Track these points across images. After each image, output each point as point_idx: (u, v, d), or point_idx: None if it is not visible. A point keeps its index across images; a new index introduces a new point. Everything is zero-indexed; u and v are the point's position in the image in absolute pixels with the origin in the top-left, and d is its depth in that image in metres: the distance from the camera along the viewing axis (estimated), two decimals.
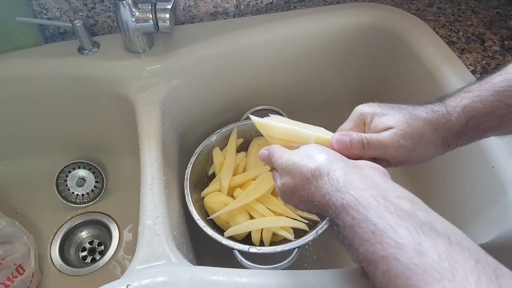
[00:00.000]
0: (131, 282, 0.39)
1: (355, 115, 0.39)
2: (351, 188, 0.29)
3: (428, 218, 0.26)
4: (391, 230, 0.25)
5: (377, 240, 0.26)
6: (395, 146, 0.35)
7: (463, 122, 0.36)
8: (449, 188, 0.63)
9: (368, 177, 0.30)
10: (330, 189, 0.30)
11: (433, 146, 0.36)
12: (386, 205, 0.27)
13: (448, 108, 0.36)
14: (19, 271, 0.61)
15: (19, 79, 0.64)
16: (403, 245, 0.24)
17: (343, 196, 0.29)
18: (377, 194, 0.28)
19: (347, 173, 0.30)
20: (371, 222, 0.26)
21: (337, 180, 0.30)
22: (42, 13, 0.65)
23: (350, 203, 0.28)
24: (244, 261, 0.50)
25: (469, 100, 0.35)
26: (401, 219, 0.26)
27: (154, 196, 0.49)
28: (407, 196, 0.28)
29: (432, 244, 0.24)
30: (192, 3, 0.71)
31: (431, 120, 0.36)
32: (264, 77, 0.73)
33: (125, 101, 0.62)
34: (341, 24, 0.70)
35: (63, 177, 0.74)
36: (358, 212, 0.28)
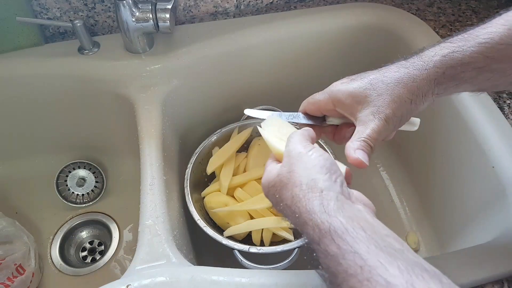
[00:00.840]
0: (131, 282, 0.39)
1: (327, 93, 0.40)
2: (341, 214, 0.27)
3: (418, 260, 0.25)
4: (381, 267, 0.23)
5: (365, 276, 0.23)
6: (382, 126, 0.35)
7: (440, 71, 0.35)
8: (449, 188, 0.63)
9: (358, 211, 0.28)
10: (317, 208, 0.28)
11: (408, 102, 0.36)
12: (377, 240, 0.25)
13: (424, 59, 0.36)
14: (19, 271, 0.61)
15: (19, 79, 0.64)
16: (394, 286, 0.22)
17: (330, 220, 0.26)
18: (367, 228, 0.26)
19: (340, 198, 0.28)
20: (359, 255, 0.24)
21: (328, 201, 0.28)
22: (42, 13, 0.65)
23: (338, 229, 0.26)
24: (244, 261, 0.50)
25: (449, 50, 0.35)
26: (392, 257, 0.24)
27: (154, 196, 0.49)
28: (395, 237, 0.27)
29: (424, 286, 0.22)
30: (192, 3, 0.71)
31: (403, 77, 0.36)
32: (264, 77, 0.73)
33: (125, 101, 0.62)
34: (341, 24, 0.70)
35: (63, 177, 0.74)
36: (345, 241, 0.25)
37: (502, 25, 0.34)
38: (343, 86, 0.38)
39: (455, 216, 0.61)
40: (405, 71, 0.36)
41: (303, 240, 0.30)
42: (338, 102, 0.38)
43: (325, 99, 0.40)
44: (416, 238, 0.69)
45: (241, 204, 0.58)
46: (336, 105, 0.39)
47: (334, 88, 0.39)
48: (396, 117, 0.35)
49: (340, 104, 0.38)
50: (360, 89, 0.37)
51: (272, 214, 0.58)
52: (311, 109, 0.42)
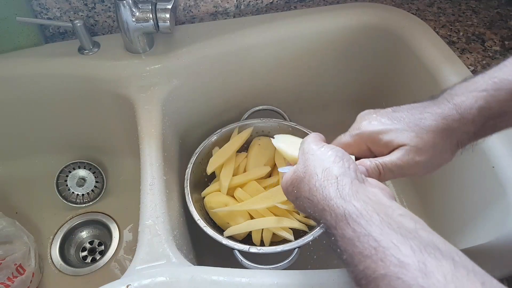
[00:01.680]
0: (131, 282, 0.39)
1: (356, 133, 0.37)
2: (355, 199, 0.28)
3: (432, 238, 0.25)
4: (394, 248, 0.24)
5: (379, 257, 0.25)
6: (410, 164, 0.34)
7: (479, 125, 0.34)
8: (449, 188, 0.63)
9: (374, 194, 0.29)
10: (333, 194, 0.29)
11: (449, 152, 0.35)
12: (390, 222, 0.26)
13: (461, 111, 0.33)
14: (19, 271, 0.61)
15: (19, 79, 0.64)
16: (406, 264, 0.23)
17: (345, 205, 0.28)
18: (380, 210, 0.27)
19: (354, 183, 0.29)
20: (373, 237, 0.25)
21: (343, 187, 0.29)
22: (42, 13, 0.65)
23: (352, 214, 0.27)
24: (244, 261, 0.50)
25: (484, 101, 0.33)
26: (404, 237, 0.25)
27: (154, 196, 0.49)
28: (410, 216, 0.27)
29: (437, 264, 0.23)
30: (193, 3, 0.71)
31: (443, 128, 0.34)
32: (264, 77, 0.73)
33: (125, 101, 0.62)
34: (341, 24, 0.70)
35: (63, 177, 0.74)
36: (360, 225, 0.26)
37: None
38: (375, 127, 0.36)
39: (455, 216, 0.61)
40: (443, 122, 0.34)
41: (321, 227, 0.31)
42: (374, 144, 0.36)
43: (357, 142, 0.37)
44: None
45: (241, 204, 0.58)
46: (371, 147, 0.37)
47: (366, 130, 0.36)
48: (431, 164, 0.34)
49: (375, 147, 0.36)
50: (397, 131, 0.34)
51: (272, 214, 0.58)
52: None
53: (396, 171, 0.34)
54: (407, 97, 0.72)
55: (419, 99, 0.37)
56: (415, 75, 0.67)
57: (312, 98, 0.81)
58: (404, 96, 0.73)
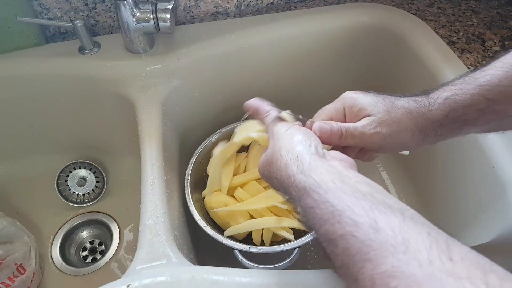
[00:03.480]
0: (132, 282, 0.39)
1: (338, 99, 0.42)
2: (314, 172, 0.31)
3: (384, 199, 0.28)
4: (349, 210, 0.27)
5: (336, 220, 0.27)
6: (371, 133, 0.38)
7: (444, 113, 0.37)
8: (450, 188, 0.63)
9: (332, 166, 0.32)
10: (295, 171, 0.32)
11: (410, 133, 0.38)
12: (344, 188, 0.29)
13: (430, 100, 0.38)
14: (19, 270, 0.61)
15: (20, 79, 0.64)
16: (360, 223, 0.26)
17: (305, 179, 0.31)
18: (336, 179, 0.30)
19: (313, 159, 0.32)
20: (330, 203, 0.28)
21: (302, 163, 0.32)
22: (43, 13, 0.65)
23: (312, 186, 0.30)
24: (244, 261, 0.50)
25: (451, 93, 0.37)
26: (358, 199, 0.27)
27: (155, 196, 0.49)
28: (366, 181, 0.30)
29: (387, 220, 0.25)
30: (193, 3, 0.71)
31: (411, 109, 0.38)
32: (264, 77, 0.73)
33: (125, 101, 0.62)
34: (342, 24, 0.71)
35: (64, 177, 0.74)
36: (318, 194, 0.29)
37: (500, 68, 0.36)
38: (356, 95, 0.40)
39: (455, 216, 0.61)
40: (414, 105, 0.38)
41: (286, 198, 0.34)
42: (349, 107, 0.40)
43: (337, 105, 0.41)
44: None
45: (242, 204, 0.58)
46: (346, 111, 0.41)
47: (348, 95, 0.41)
48: (391, 139, 0.38)
49: (350, 110, 0.40)
50: (373, 101, 0.39)
51: (272, 214, 0.58)
52: (323, 119, 0.43)
53: (357, 137, 0.38)
54: None
55: None
56: (415, 75, 0.67)
57: (312, 98, 0.81)
58: None
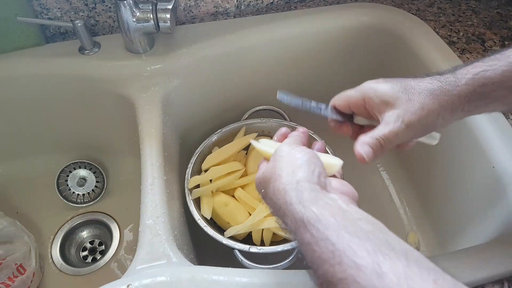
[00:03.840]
0: (132, 282, 0.39)
1: (359, 90, 0.40)
2: (313, 204, 0.28)
3: (387, 239, 0.26)
4: (350, 250, 0.25)
5: (336, 261, 0.25)
6: (402, 129, 0.36)
7: (471, 89, 0.35)
8: (450, 188, 0.63)
9: (333, 200, 0.30)
10: (294, 199, 0.30)
11: (435, 114, 0.36)
12: (346, 225, 0.27)
13: (457, 75, 0.36)
14: (20, 270, 0.61)
15: (20, 79, 0.64)
16: (362, 266, 0.24)
17: (304, 210, 0.28)
18: (337, 214, 0.28)
19: (314, 189, 0.30)
20: (330, 241, 0.26)
21: (302, 192, 0.30)
22: (43, 13, 0.65)
23: (310, 219, 0.28)
24: (244, 261, 0.50)
25: (481, 69, 0.35)
26: (360, 239, 0.26)
27: (155, 196, 0.49)
28: (367, 219, 0.28)
29: (391, 264, 0.24)
30: (193, 3, 0.71)
31: (434, 89, 0.36)
32: (264, 77, 0.73)
33: (125, 101, 0.62)
34: (342, 24, 0.71)
35: (64, 177, 0.74)
36: (317, 229, 0.27)
37: None
38: (376, 85, 0.38)
39: (455, 216, 0.61)
40: (438, 84, 0.36)
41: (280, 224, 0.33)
42: (369, 99, 0.39)
43: (356, 95, 0.40)
44: (416, 238, 0.69)
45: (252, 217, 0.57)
46: (366, 102, 0.39)
47: (367, 85, 0.39)
48: (420, 125, 0.36)
49: (370, 102, 0.38)
50: (393, 91, 0.37)
51: None
52: (340, 104, 0.42)
53: (393, 139, 0.36)
54: None
55: None
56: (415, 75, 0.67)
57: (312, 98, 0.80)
58: None
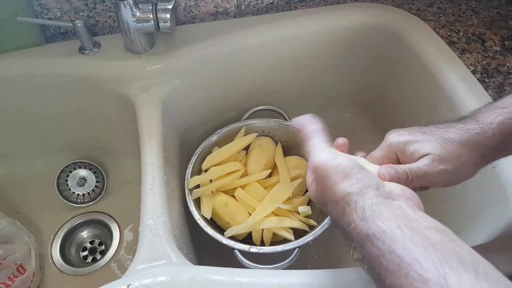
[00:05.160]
0: (132, 282, 0.39)
1: (386, 145, 0.39)
2: (377, 218, 0.29)
3: (456, 249, 0.26)
4: (416, 263, 0.25)
5: (402, 273, 0.25)
6: (435, 172, 0.35)
7: (500, 139, 0.35)
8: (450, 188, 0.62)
9: (399, 208, 0.29)
10: (355, 218, 0.30)
11: (472, 165, 0.36)
12: (413, 236, 0.27)
13: (482, 126, 0.36)
14: (20, 270, 0.61)
15: (20, 79, 0.64)
16: (428, 280, 0.24)
17: (368, 225, 0.28)
18: (404, 225, 0.27)
19: (375, 202, 0.30)
20: (396, 254, 0.26)
21: (363, 209, 0.30)
22: (43, 13, 0.65)
23: (376, 233, 0.28)
24: (244, 261, 0.50)
25: (504, 117, 0.35)
26: (427, 251, 0.25)
27: (155, 196, 0.49)
28: (436, 227, 0.28)
29: (458, 279, 0.23)
30: (193, 3, 0.71)
31: (466, 141, 0.35)
32: (264, 77, 0.73)
33: (126, 101, 0.62)
34: (342, 24, 0.71)
35: (64, 177, 0.74)
36: (384, 243, 0.27)
37: None
38: (403, 138, 0.38)
39: (455, 216, 0.61)
40: (467, 136, 0.36)
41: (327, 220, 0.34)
42: (401, 153, 0.38)
43: (386, 153, 0.39)
44: None
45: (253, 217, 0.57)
46: (399, 156, 0.39)
47: (393, 140, 0.39)
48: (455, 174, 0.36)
49: (403, 155, 0.38)
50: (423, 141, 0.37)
51: (273, 214, 0.58)
52: None
53: (422, 177, 0.36)
54: (407, 97, 0.72)
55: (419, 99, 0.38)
56: (415, 75, 0.67)
57: (313, 98, 0.81)
58: (404, 96, 0.73)
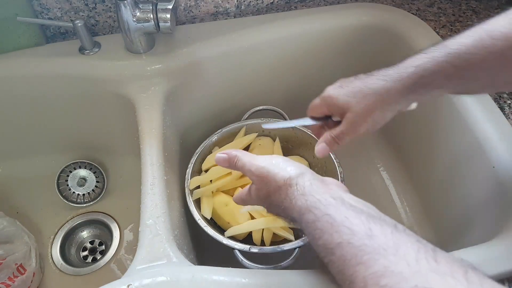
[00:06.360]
0: (132, 282, 0.39)
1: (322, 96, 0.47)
2: (315, 192, 0.33)
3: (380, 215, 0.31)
4: (346, 220, 0.29)
5: (334, 230, 0.29)
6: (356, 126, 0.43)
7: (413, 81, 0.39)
8: (449, 188, 0.63)
9: (332, 189, 0.34)
10: (296, 194, 0.34)
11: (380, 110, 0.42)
12: (344, 203, 0.31)
13: (400, 70, 0.40)
14: (20, 270, 0.61)
15: (20, 79, 0.64)
16: (356, 232, 0.28)
17: (307, 198, 0.33)
18: (336, 196, 0.32)
19: (313, 182, 0.35)
20: (330, 215, 0.30)
21: (303, 187, 0.35)
22: (43, 13, 0.65)
23: (313, 203, 0.32)
24: (244, 261, 0.50)
25: (421, 61, 0.39)
26: (356, 212, 0.30)
27: (155, 196, 0.49)
28: (364, 203, 0.33)
29: (380, 229, 0.28)
30: (193, 3, 0.71)
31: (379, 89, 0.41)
32: (264, 77, 0.73)
33: (126, 101, 0.62)
34: (342, 24, 0.71)
35: (64, 177, 0.74)
36: (319, 209, 0.32)
37: (470, 36, 0.38)
38: (333, 92, 0.45)
39: (455, 216, 0.61)
40: (381, 84, 0.41)
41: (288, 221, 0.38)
42: (329, 106, 0.46)
43: (320, 104, 0.47)
44: None
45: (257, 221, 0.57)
46: (328, 109, 0.46)
47: (326, 94, 0.46)
48: (368, 123, 0.43)
49: (331, 109, 0.46)
50: (344, 97, 0.43)
51: None
52: (313, 112, 0.49)
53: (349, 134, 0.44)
54: None
55: None
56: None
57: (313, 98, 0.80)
58: None
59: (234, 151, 0.42)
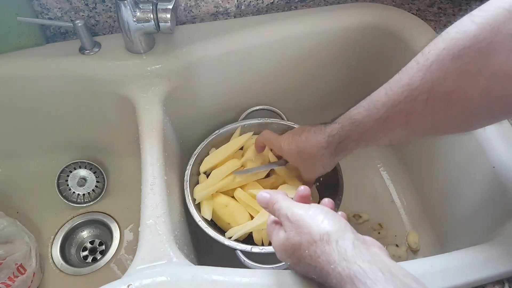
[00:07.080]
0: (132, 282, 0.39)
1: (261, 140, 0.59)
2: (359, 260, 0.29)
3: None
4: None
5: None
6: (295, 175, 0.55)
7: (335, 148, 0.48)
8: (450, 188, 0.63)
9: (376, 254, 0.30)
10: (337, 258, 0.30)
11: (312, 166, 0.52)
12: (394, 280, 0.27)
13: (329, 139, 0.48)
14: (20, 270, 0.61)
15: (20, 79, 0.64)
16: None
17: (350, 266, 0.29)
18: (384, 269, 0.28)
19: (356, 244, 0.30)
20: None
21: (345, 249, 0.30)
22: (43, 13, 0.65)
23: (357, 274, 0.28)
24: (246, 261, 0.50)
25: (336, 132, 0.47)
26: None
27: (155, 196, 0.49)
28: (412, 276, 0.29)
29: None
30: (193, 3, 0.71)
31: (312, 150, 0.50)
32: (264, 77, 0.73)
33: (126, 101, 0.62)
34: (342, 24, 0.71)
35: (64, 177, 0.74)
36: (365, 285, 0.27)
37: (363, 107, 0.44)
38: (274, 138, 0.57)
39: (455, 216, 0.61)
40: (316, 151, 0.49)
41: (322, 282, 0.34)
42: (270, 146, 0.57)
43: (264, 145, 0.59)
44: (416, 238, 0.69)
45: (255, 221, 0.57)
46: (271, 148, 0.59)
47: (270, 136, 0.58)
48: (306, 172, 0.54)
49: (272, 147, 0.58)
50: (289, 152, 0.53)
51: None
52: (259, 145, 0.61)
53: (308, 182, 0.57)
54: None
55: None
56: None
57: (312, 98, 0.81)
58: None
59: (278, 194, 0.39)
